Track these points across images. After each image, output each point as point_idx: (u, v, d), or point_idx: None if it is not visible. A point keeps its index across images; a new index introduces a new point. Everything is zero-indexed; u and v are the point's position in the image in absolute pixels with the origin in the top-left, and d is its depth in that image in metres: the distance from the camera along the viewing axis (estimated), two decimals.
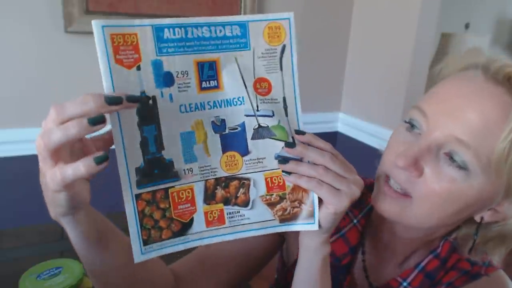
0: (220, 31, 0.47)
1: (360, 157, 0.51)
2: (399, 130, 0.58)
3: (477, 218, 0.57)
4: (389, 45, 1.59)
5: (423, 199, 0.53)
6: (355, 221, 0.68)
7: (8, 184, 1.34)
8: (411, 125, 0.56)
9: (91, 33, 0.41)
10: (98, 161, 0.39)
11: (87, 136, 0.42)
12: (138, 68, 0.44)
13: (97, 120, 0.39)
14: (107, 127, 0.41)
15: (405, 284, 0.63)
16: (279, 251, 0.77)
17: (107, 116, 0.40)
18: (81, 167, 0.39)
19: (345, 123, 1.85)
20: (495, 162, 0.50)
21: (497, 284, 0.62)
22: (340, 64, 1.81)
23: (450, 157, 0.51)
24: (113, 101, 0.39)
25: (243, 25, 0.48)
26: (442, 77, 0.58)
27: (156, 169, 0.46)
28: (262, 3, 1.56)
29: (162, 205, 0.47)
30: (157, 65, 0.45)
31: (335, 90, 1.84)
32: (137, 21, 0.44)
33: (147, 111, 0.45)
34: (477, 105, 0.50)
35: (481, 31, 2.52)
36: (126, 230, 0.47)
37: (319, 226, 0.51)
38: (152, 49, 0.44)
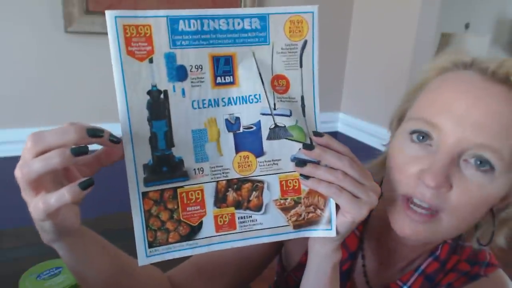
0: (238, 23, 0.44)
1: (360, 157, 0.50)
2: (403, 144, 0.53)
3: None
4: (389, 45, 1.59)
5: (454, 212, 0.50)
6: None
7: (8, 184, 1.33)
8: (419, 137, 0.52)
9: (91, 33, 0.41)
10: (83, 186, 0.38)
11: None
12: (151, 60, 0.42)
13: (81, 151, 0.37)
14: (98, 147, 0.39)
15: (405, 287, 0.63)
16: (277, 255, 0.76)
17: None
18: (65, 195, 0.37)
19: (345, 123, 1.84)
20: None
21: (496, 284, 0.62)
22: (340, 64, 1.81)
23: (473, 162, 0.49)
24: (94, 134, 0.38)
25: (263, 18, 0.45)
26: (426, 81, 0.57)
27: (165, 167, 0.44)
28: (262, 3, 1.56)
29: (170, 206, 0.45)
30: (170, 58, 0.43)
31: (335, 90, 1.84)
32: (151, 12, 0.42)
33: (158, 105, 0.43)
34: (482, 105, 0.48)
35: (481, 31, 2.52)
36: (130, 230, 0.45)
37: (336, 233, 0.49)
38: (165, 42, 0.42)
